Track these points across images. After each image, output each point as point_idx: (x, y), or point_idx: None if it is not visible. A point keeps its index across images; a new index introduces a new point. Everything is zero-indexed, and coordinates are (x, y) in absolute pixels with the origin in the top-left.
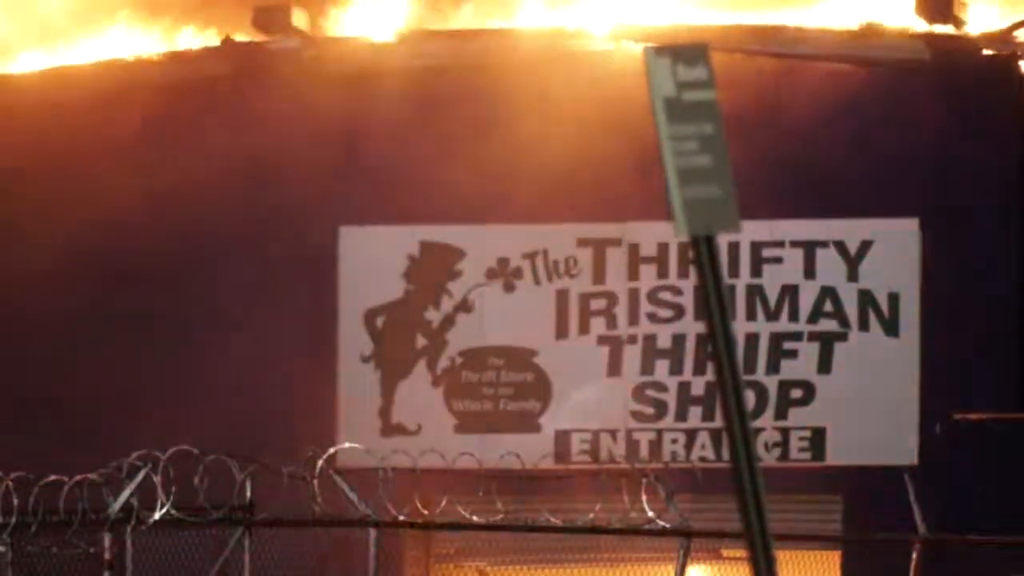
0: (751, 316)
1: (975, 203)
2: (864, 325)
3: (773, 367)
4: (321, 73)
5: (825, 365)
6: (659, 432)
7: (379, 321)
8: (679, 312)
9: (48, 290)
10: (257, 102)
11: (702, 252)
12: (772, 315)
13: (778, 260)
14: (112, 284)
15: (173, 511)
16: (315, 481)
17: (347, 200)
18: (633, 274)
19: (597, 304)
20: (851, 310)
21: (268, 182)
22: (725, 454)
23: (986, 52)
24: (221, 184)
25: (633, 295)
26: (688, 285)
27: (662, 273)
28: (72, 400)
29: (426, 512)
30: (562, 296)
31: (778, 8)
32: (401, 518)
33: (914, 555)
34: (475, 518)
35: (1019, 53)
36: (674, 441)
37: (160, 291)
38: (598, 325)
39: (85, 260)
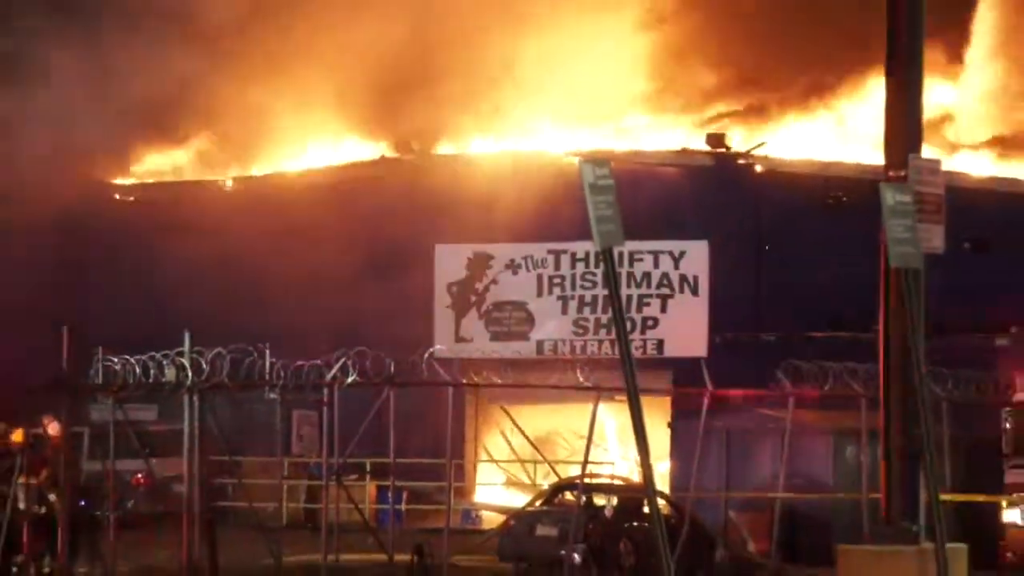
0: (628, 285)
1: (724, 238)
2: (682, 290)
3: (639, 310)
4: (426, 178)
5: (664, 309)
6: (587, 342)
7: (454, 288)
8: (594, 284)
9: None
10: (397, 196)
11: (606, 256)
12: (638, 284)
13: (641, 259)
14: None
15: (358, 379)
16: (424, 365)
17: (440, 234)
18: (573, 265)
19: (556, 279)
20: (676, 282)
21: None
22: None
23: (740, 162)
24: (381, 238)
25: (572, 276)
26: (599, 272)
27: (587, 266)
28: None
29: (476, 379)
30: (540, 277)
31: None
32: (464, 382)
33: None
34: (498, 380)
35: (752, 163)
36: (600, 344)
37: (334, 289)
38: (557, 290)
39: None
